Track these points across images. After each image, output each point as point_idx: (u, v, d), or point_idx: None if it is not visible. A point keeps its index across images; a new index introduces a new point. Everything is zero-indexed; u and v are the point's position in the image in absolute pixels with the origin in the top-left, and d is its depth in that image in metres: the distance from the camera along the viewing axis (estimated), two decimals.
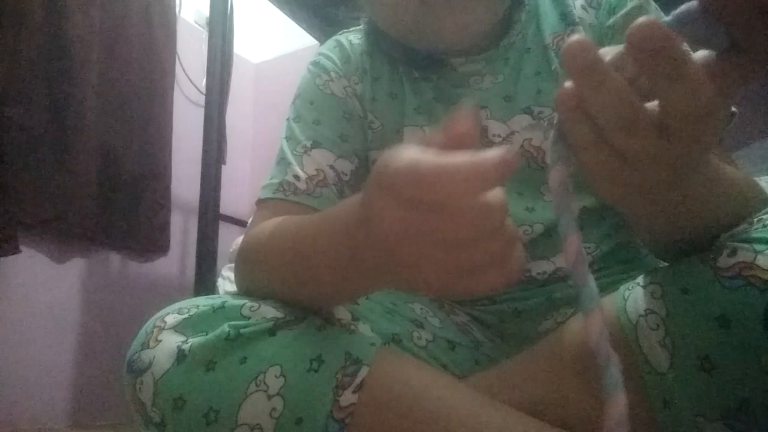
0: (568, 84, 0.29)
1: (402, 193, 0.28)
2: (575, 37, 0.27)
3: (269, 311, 0.43)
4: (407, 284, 0.33)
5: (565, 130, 0.31)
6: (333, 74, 0.65)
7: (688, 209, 0.37)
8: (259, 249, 0.50)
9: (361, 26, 0.70)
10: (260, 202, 0.59)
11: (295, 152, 0.59)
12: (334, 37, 0.70)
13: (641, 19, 0.26)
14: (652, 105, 0.29)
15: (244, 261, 0.53)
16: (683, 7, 0.27)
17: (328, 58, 0.67)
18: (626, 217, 0.48)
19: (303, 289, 0.45)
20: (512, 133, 0.59)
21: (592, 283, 0.28)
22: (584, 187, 0.44)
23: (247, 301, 0.44)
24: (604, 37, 0.60)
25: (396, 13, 0.56)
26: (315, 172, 0.58)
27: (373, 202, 0.31)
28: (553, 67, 0.60)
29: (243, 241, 0.54)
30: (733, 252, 0.36)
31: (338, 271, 0.39)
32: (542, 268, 0.56)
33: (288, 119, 0.64)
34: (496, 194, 0.28)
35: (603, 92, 0.27)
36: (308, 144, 0.60)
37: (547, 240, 0.56)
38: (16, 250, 1.47)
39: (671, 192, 0.34)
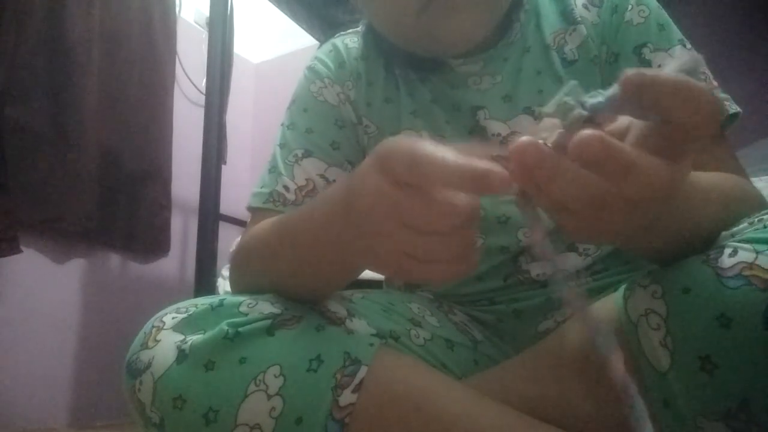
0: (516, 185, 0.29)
1: (392, 167, 0.30)
2: (522, 138, 0.28)
3: (266, 307, 0.43)
4: (370, 257, 0.36)
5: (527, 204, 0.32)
6: (327, 80, 0.66)
7: (663, 228, 0.37)
8: (254, 246, 0.51)
9: (359, 28, 0.70)
10: (252, 211, 0.62)
11: (287, 161, 0.61)
12: (330, 40, 0.70)
13: (580, 134, 0.26)
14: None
15: (240, 263, 0.53)
16: (613, 88, 0.28)
17: (322, 63, 0.67)
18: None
19: (300, 274, 0.45)
20: (513, 133, 0.59)
21: (602, 329, 0.28)
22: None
23: (245, 298, 0.44)
24: (607, 35, 0.60)
25: (396, 18, 0.55)
26: (305, 182, 0.60)
27: (361, 171, 0.33)
28: (554, 68, 0.60)
29: (237, 246, 0.55)
30: (734, 252, 0.36)
31: (328, 246, 0.40)
32: (542, 269, 0.56)
33: (283, 125, 0.65)
34: (470, 200, 0.30)
35: (561, 183, 0.28)
36: (300, 153, 0.61)
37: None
38: (17, 250, 1.46)
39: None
